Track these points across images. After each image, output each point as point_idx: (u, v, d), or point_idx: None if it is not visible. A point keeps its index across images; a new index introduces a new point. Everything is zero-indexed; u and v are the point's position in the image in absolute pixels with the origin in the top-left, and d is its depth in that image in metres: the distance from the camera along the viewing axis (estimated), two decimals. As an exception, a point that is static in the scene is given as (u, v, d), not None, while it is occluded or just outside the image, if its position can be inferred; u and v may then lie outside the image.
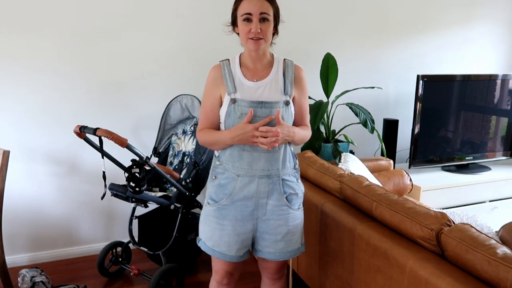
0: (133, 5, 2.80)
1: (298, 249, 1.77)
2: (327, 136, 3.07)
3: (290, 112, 1.67)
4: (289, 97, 1.67)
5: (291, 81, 1.69)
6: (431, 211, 1.57)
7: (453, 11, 3.66)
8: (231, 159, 1.66)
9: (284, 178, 1.68)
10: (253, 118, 1.59)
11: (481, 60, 3.88)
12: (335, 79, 2.97)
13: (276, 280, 1.86)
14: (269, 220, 1.68)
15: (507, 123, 3.48)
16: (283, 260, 1.78)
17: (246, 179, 1.64)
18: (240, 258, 1.73)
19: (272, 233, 1.69)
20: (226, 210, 1.67)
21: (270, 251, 1.72)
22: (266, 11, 1.58)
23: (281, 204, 1.68)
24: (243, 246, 1.71)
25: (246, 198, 1.65)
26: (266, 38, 1.60)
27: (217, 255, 1.72)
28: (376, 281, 1.65)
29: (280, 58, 1.75)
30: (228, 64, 1.70)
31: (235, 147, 1.64)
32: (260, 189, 1.65)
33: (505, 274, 1.24)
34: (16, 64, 2.64)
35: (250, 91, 1.64)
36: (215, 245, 1.71)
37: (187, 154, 2.77)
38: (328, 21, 3.30)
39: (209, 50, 2.99)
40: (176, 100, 2.79)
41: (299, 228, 1.76)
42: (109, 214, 3.04)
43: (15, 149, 2.73)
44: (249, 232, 1.70)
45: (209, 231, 1.72)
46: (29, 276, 2.48)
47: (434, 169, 3.44)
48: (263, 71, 1.68)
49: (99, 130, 2.19)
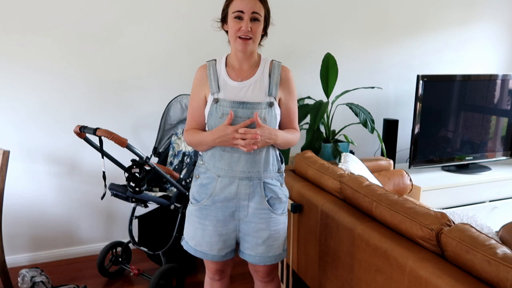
0: (133, 5, 2.80)
1: (280, 255, 1.73)
2: (327, 136, 3.07)
3: (273, 114, 1.63)
4: (273, 98, 1.64)
5: (277, 83, 1.65)
6: (431, 211, 1.57)
7: (453, 11, 3.66)
8: (212, 159, 1.66)
9: (266, 181, 1.66)
10: (235, 119, 1.58)
11: (481, 60, 3.88)
12: (335, 79, 2.98)
13: (268, 282, 1.84)
14: (250, 223, 1.67)
15: (507, 123, 3.48)
16: (265, 265, 1.74)
17: (226, 180, 1.64)
18: (222, 258, 1.72)
19: (253, 236, 1.68)
20: (208, 210, 1.67)
21: (251, 254, 1.70)
22: (258, 11, 1.56)
23: (263, 207, 1.66)
24: (225, 246, 1.70)
25: (227, 199, 1.65)
26: (255, 38, 1.59)
27: (199, 254, 1.72)
28: (376, 281, 1.65)
29: (268, 59, 1.71)
30: (214, 64, 1.69)
31: (217, 148, 1.64)
32: (240, 191, 1.64)
33: (505, 274, 1.24)
34: (16, 63, 2.64)
35: (234, 91, 1.63)
36: (197, 245, 1.71)
37: (187, 154, 2.77)
38: (328, 21, 3.30)
39: (210, 49, 2.99)
40: (176, 100, 2.79)
41: (281, 234, 1.72)
42: (109, 214, 3.04)
43: (15, 149, 2.73)
44: (231, 233, 1.69)
45: (191, 231, 1.73)
46: (29, 276, 2.48)
47: (434, 169, 3.44)
48: (248, 71, 1.66)
49: (99, 130, 2.18)
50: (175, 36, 2.94)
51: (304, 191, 2.24)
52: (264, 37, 1.69)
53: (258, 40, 1.62)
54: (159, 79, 2.96)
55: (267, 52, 3.09)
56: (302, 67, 3.29)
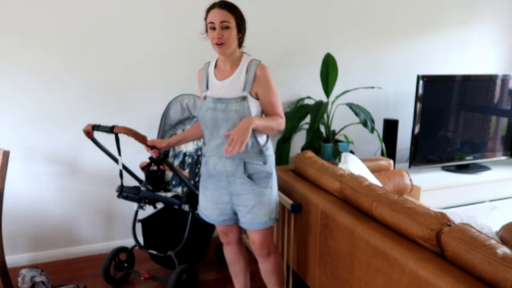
0: (131, 5, 2.80)
1: (266, 222, 2.00)
2: (327, 136, 3.08)
3: (246, 106, 1.88)
4: (247, 93, 1.88)
5: (251, 79, 1.88)
6: (431, 211, 1.57)
7: (453, 12, 3.66)
8: (207, 143, 2.02)
9: (247, 161, 1.94)
10: (213, 111, 1.90)
11: (481, 60, 3.88)
12: (335, 79, 2.98)
13: (264, 257, 2.12)
14: (240, 195, 1.98)
15: (507, 123, 3.48)
16: (256, 232, 2.02)
17: (216, 159, 1.98)
18: (221, 222, 2.09)
19: (242, 205, 1.99)
20: (207, 182, 2.06)
21: (242, 220, 2.03)
22: (226, 19, 1.80)
23: (246, 181, 1.95)
24: (221, 213, 2.06)
25: (219, 175, 1.99)
26: (227, 43, 1.83)
27: (203, 216, 2.13)
28: (376, 281, 1.65)
29: (248, 58, 1.94)
30: (207, 66, 2.02)
31: (207, 134, 1.99)
32: (226, 168, 1.96)
33: (505, 274, 1.24)
34: (16, 65, 2.64)
35: (217, 89, 1.93)
36: (202, 209, 2.13)
37: (188, 155, 2.77)
38: (328, 21, 3.30)
39: (209, 49, 2.99)
40: (176, 100, 2.76)
41: (266, 204, 1.99)
42: (109, 214, 3.04)
43: (15, 149, 2.73)
44: (225, 203, 2.03)
45: (200, 198, 2.15)
46: (29, 276, 2.48)
47: (434, 169, 3.45)
48: (229, 70, 1.93)
49: (116, 127, 2.11)
50: (174, 36, 2.94)
51: (304, 191, 2.24)
52: (242, 39, 1.93)
53: (232, 43, 1.85)
54: (159, 79, 2.96)
55: (267, 52, 3.10)
56: (302, 67, 3.29)
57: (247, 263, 2.30)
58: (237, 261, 2.26)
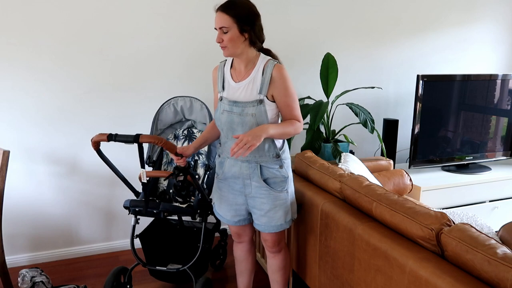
0: (129, 5, 2.80)
1: (281, 225, 2.00)
2: (327, 136, 3.07)
3: (263, 109, 1.84)
4: (263, 96, 1.84)
5: (267, 81, 1.83)
6: (431, 211, 1.57)
7: (453, 12, 3.66)
8: (222, 144, 2.00)
9: (263, 164, 1.92)
10: (229, 114, 1.87)
11: (481, 60, 3.88)
12: (335, 79, 2.97)
13: (275, 253, 2.13)
14: (255, 198, 1.97)
15: (507, 123, 3.48)
16: (269, 233, 2.01)
17: (232, 161, 1.96)
18: (235, 223, 2.08)
19: (258, 208, 1.98)
20: (223, 183, 2.04)
21: (257, 223, 2.02)
22: (224, 24, 1.77)
23: (262, 185, 1.93)
24: (236, 214, 2.05)
25: (234, 177, 1.98)
26: (229, 46, 1.79)
27: (218, 216, 2.12)
28: (376, 281, 1.65)
29: (265, 59, 1.87)
30: (223, 65, 1.97)
31: (223, 136, 1.96)
32: (242, 171, 1.94)
33: (505, 274, 1.24)
34: (16, 64, 2.65)
35: (233, 91, 1.89)
36: (217, 209, 2.12)
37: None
38: (328, 21, 3.30)
39: (209, 49, 3.00)
40: (169, 103, 2.56)
41: (282, 207, 1.98)
42: (109, 214, 3.04)
43: (15, 149, 2.73)
44: (240, 205, 2.02)
45: (215, 198, 2.14)
46: (29, 276, 2.48)
47: (434, 169, 3.44)
48: (246, 72, 1.88)
49: (142, 136, 1.86)
50: (173, 36, 2.94)
51: (304, 191, 2.24)
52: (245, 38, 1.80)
53: (234, 46, 1.80)
54: (159, 79, 2.96)
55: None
56: (302, 67, 3.29)
57: (254, 263, 2.31)
58: (245, 260, 2.26)
